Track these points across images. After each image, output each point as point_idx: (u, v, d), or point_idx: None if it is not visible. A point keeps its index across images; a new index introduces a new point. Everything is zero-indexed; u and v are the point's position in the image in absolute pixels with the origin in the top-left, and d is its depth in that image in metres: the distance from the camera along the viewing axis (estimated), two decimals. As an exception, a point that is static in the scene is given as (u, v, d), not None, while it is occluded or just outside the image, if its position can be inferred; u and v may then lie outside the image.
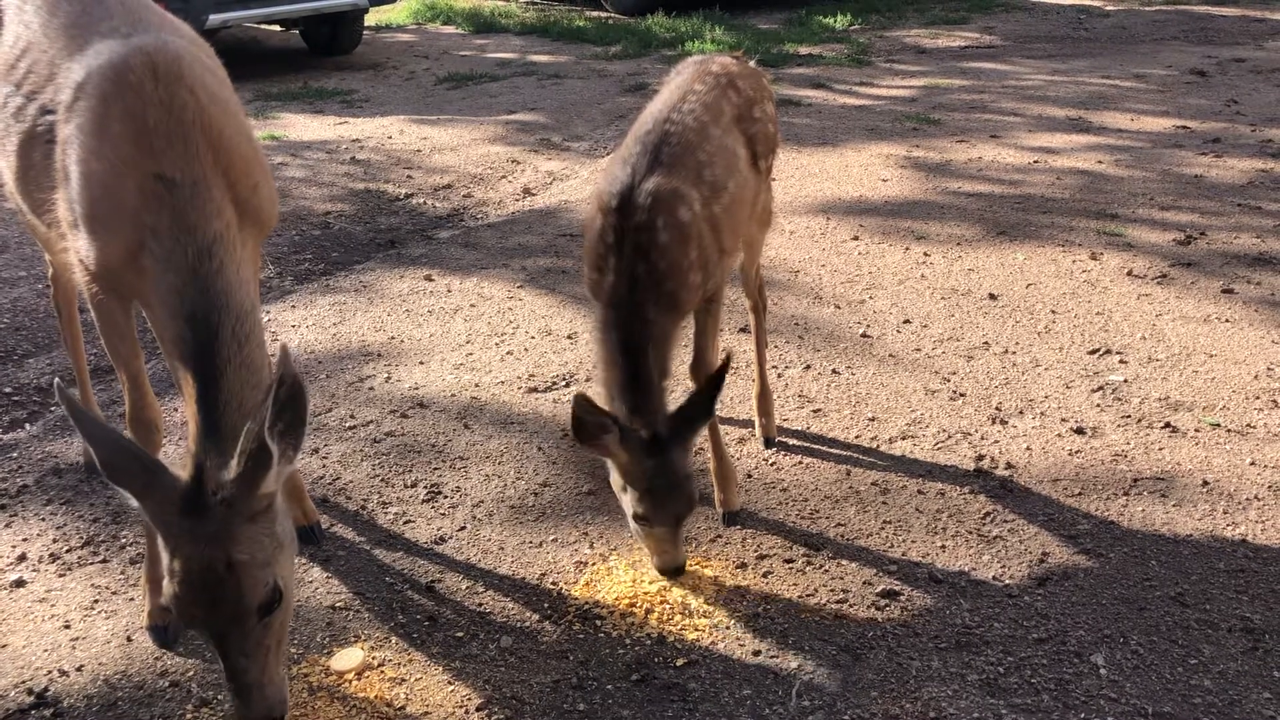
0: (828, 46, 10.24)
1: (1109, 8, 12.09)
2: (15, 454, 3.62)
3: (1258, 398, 3.72)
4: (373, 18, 11.14)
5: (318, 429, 3.68)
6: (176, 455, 3.21)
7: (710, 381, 2.60)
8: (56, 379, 2.44)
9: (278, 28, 11.08)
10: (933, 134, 7.43)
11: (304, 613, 2.76)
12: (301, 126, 7.92)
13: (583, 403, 2.48)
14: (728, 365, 2.60)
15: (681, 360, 2.95)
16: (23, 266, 5.18)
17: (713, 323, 2.96)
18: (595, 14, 11.98)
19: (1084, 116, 7.86)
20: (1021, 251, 5.18)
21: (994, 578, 2.84)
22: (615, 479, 2.66)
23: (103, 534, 3.13)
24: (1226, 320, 4.35)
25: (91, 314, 2.58)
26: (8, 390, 4.07)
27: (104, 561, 3.01)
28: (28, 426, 3.83)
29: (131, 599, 2.84)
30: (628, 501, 2.62)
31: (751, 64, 3.41)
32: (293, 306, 4.77)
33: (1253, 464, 3.32)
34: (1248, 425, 3.54)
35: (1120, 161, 6.69)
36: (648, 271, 2.60)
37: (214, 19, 8.72)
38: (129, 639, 2.70)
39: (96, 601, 2.85)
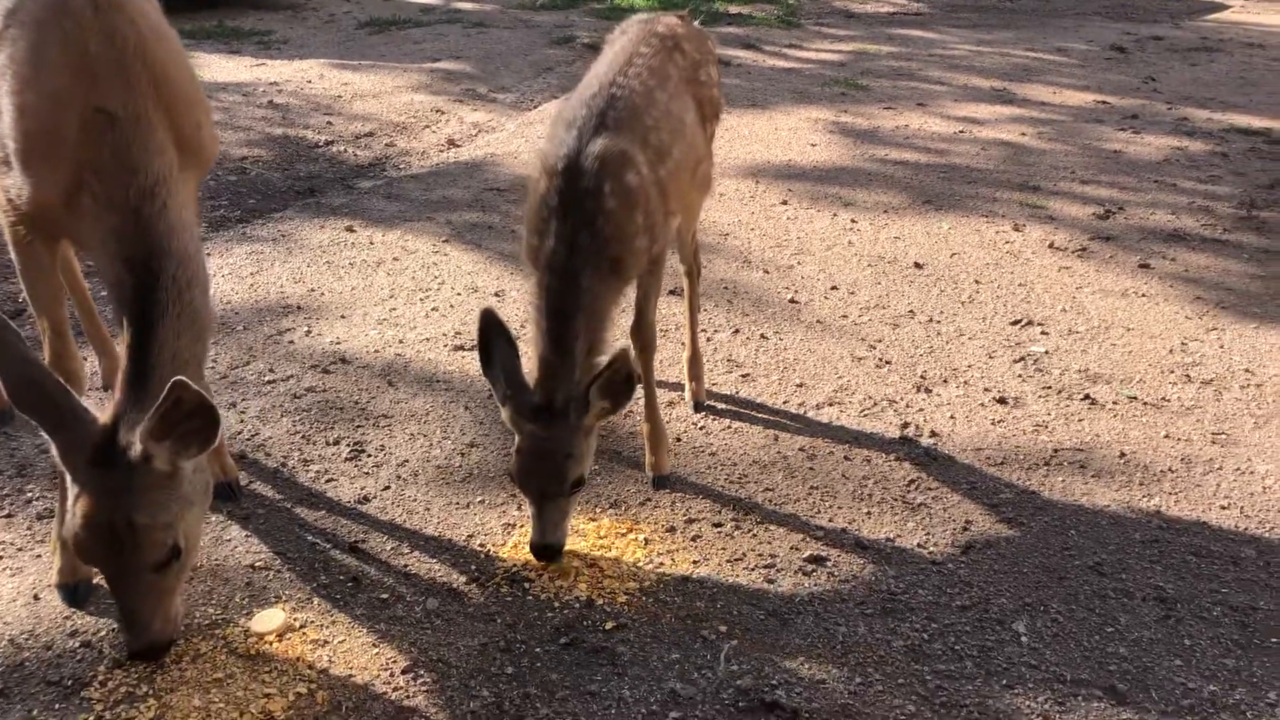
0: (757, 6, 10.21)
1: (1033, -20, 12.25)
2: (-90, 402, 3.43)
3: (1172, 372, 3.82)
4: (292, -44, 10.77)
5: (234, 384, 3.57)
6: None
7: (615, 367, 2.47)
8: None
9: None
10: (861, 100, 7.46)
11: (222, 573, 2.68)
12: (216, 67, 7.63)
13: (488, 318, 2.49)
14: (627, 360, 2.48)
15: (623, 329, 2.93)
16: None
17: (655, 286, 2.93)
18: (523, -37, 11.75)
19: (1008, 88, 7.97)
20: (947, 221, 5.24)
21: (918, 545, 2.87)
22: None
23: (7, 488, 3.00)
24: (1143, 295, 4.46)
25: (13, 257, 2.44)
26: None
27: (8, 516, 2.88)
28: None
29: (39, 555, 2.72)
30: None
31: (696, 25, 3.35)
32: (208, 255, 4.60)
33: (1167, 437, 3.41)
34: (1162, 399, 3.64)
35: (1043, 135, 6.81)
36: (591, 237, 2.55)
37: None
38: (36, 597, 2.59)
39: (0, 559, 2.73)
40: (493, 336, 2.52)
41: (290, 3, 9.80)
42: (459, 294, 4.29)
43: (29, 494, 2.97)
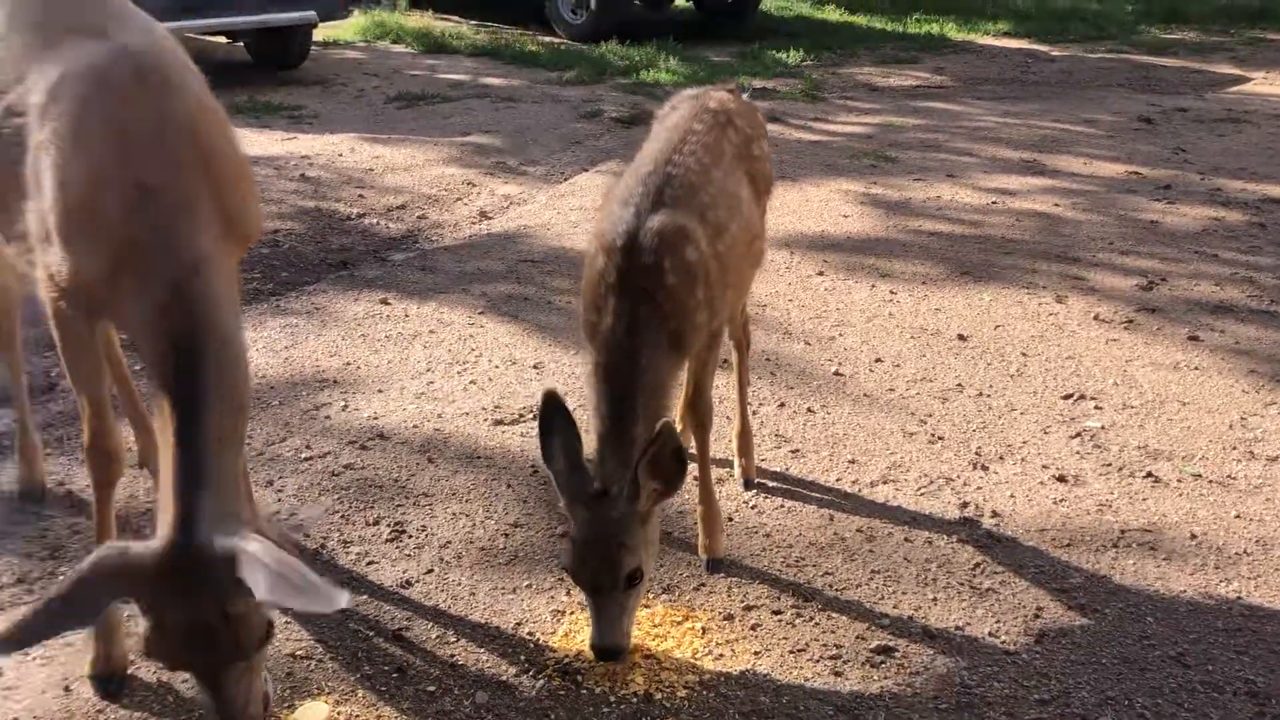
0: (781, 81, 10.24)
1: (1054, 53, 12.30)
2: (-59, 482, 3.36)
3: (1234, 448, 3.69)
4: (321, 33, 10.89)
5: (271, 460, 3.48)
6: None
7: (661, 442, 2.32)
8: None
9: (223, 39, 10.79)
10: (890, 171, 7.43)
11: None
12: (248, 141, 7.65)
13: (551, 400, 2.38)
14: (673, 432, 2.34)
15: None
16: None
17: (713, 361, 2.85)
18: (548, 39, 11.89)
19: (1038, 159, 7.93)
20: (987, 292, 5.15)
21: (989, 634, 2.74)
22: None
23: (37, 570, 2.90)
24: (1195, 368, 4.34)
25: (54, 333, 2.37)
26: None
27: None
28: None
29: (69, 644, 2.61)
30: None
31: (746, 99, 3.31)
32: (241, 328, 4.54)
33: (1238, 517, 3.28)
34: (1228, 476, 3.51)
35: (1077, 205, 6.74)
36: (650, 314, 2.47)
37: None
38: (67, 689, 2.48)
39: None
40: (555, 419, 2.40)
41: (320, 78, 9.89)
42: (497, 366, 4.21)
43: (60, 577, 2.86)
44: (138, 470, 3.26)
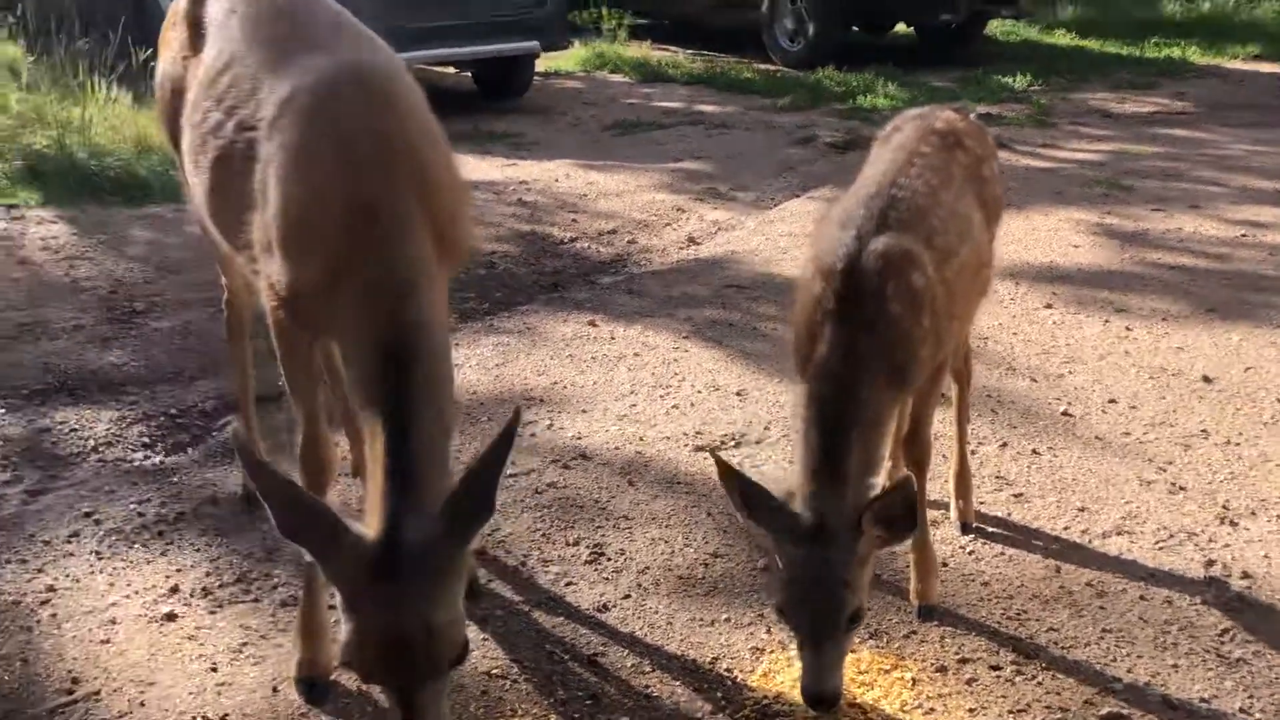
0: (1007, 106, 9.82)
1: (1313, 77, 11.34)
2: (175, 479, 3.55)
3: None
4: (542, 64, 11.21)
5: (477, 475, 3.51)
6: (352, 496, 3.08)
7: (897, 494, 2.18)
8: (235, 424, 2.31)
9: (450, 69, 11.27)
10: (1125, 200, 6.96)
11: (458, 678, 2.55)
12: (470, 167, 7.93)
13: (722, 468, 2.24)
14: (911, 487, 2.19)
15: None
16: (196, 289, 5.22)
17: (934, 397, 2.69)
18: (763, 66, 11.83)
19: (1294, 190, 7.27)
20: (1236, 332, 4.71)
21: (1241, 710, 2.44)
22: None
23: (256, 571, 3.01)
24: None
25: (274, 342, 2.45)
26: (173, 412, 4.04)
27: (255, 601, 2.88)
28: (189, 451, 3.77)
29: (280, 645, 2.69)
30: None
31: (974, 119, 3.13)
32: (456, 345, 4.65)
33: None
34: None
35: (1340, 239, 6.12)
36: (871, 344, 2.31)
37: (390, 58, 8.86)
38: (275, 689, 2.54)
39: (245, 644, 2.71)
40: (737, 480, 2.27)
41: (541, 107, 10.17)
42: (700, 391, 4.14)
43: (276, 579, 2.97)
44: (352, 479, 3.35)
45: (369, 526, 1.96)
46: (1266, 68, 11.75)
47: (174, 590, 2.92)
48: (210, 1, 2.70)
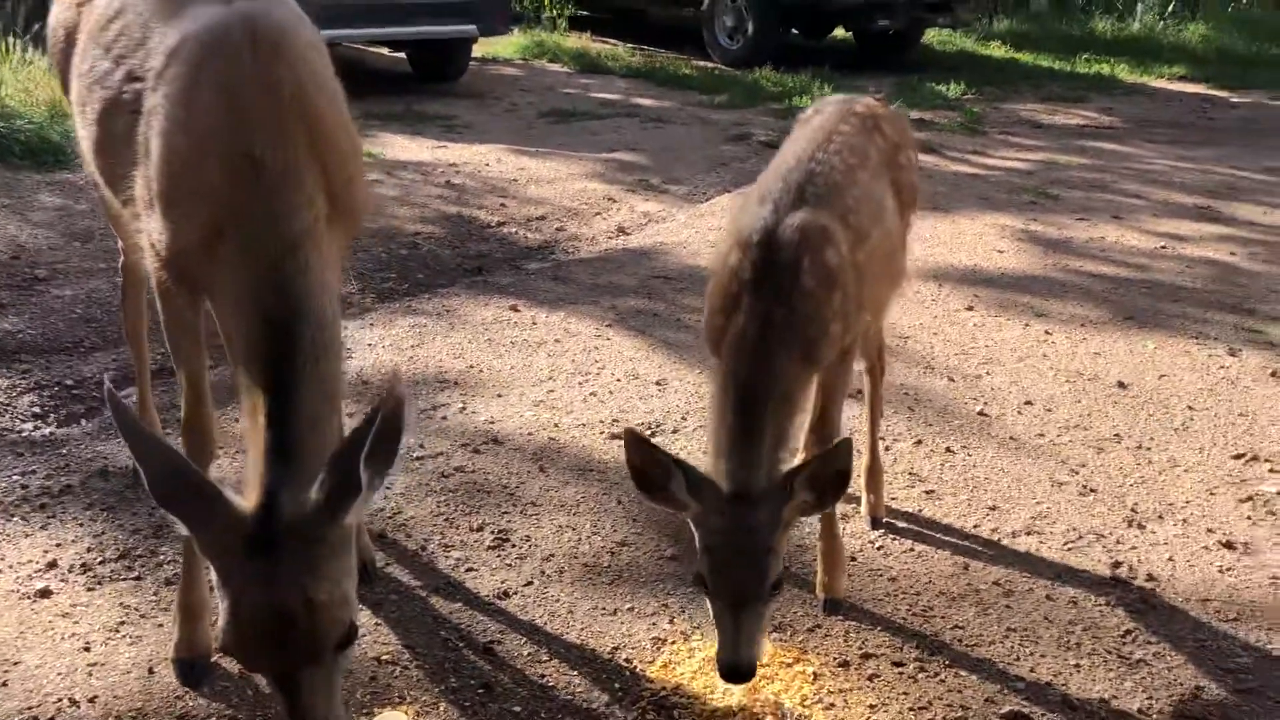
0: (940, 113, 9.90)
1: (1234, 99, 11.61)
2: (65, 450, 3.39)
3: None
4: (480, 50, 11.06)
5: (383, 457, 3.40)
6: (232, 470, 2.94)
7: (831, 457, 2.15)
8: (107, 378, 2.13)
9: (385, 50, 11.07)
10: (1051, 209, 7.04)
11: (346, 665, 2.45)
12: (399, 147, 7.77)
13: (633, 440, 2.17)
14: (849, 453, 2.16)
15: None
16: (103, 258, 5.02)
17: (843, 384, 2.64)
18: (702, 63, 11.81)
19: (1213, 206, 7.41)
20: (1152, 340, 4.77)
21: (1140, 710, 2.43)
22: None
23: (140, 547, 2.87)
24: (1391, 436, 3.89)
25: (158, 305, 2.32)
26: (69, 383, 3.87)
27: (137, 579, 2.74)
28: (82, 423, 3.61)
29: (160, 624, 2.56)
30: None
31: (895, 108, 3.11)
32: (371, 325, 4.54)
33: None
34: None
35: (1255, 255, 6.24)
36: (786, 316, 2.27)
37: (324, 34, 8.63)
38: (151, 670, 2.42)
39: (122, 624, 2.57)
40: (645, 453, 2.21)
41: (476, 92, 10.01)
42: (619, 380, 4.07)
43: (161, 556, 2.83)
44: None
45: (248, 500, 1.84)
46: (1191, 88, 12.01)
47: (51, 565, 2.78)
48: (105, -53, 2.55)
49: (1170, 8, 15.29)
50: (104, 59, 2.31)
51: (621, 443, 3.52)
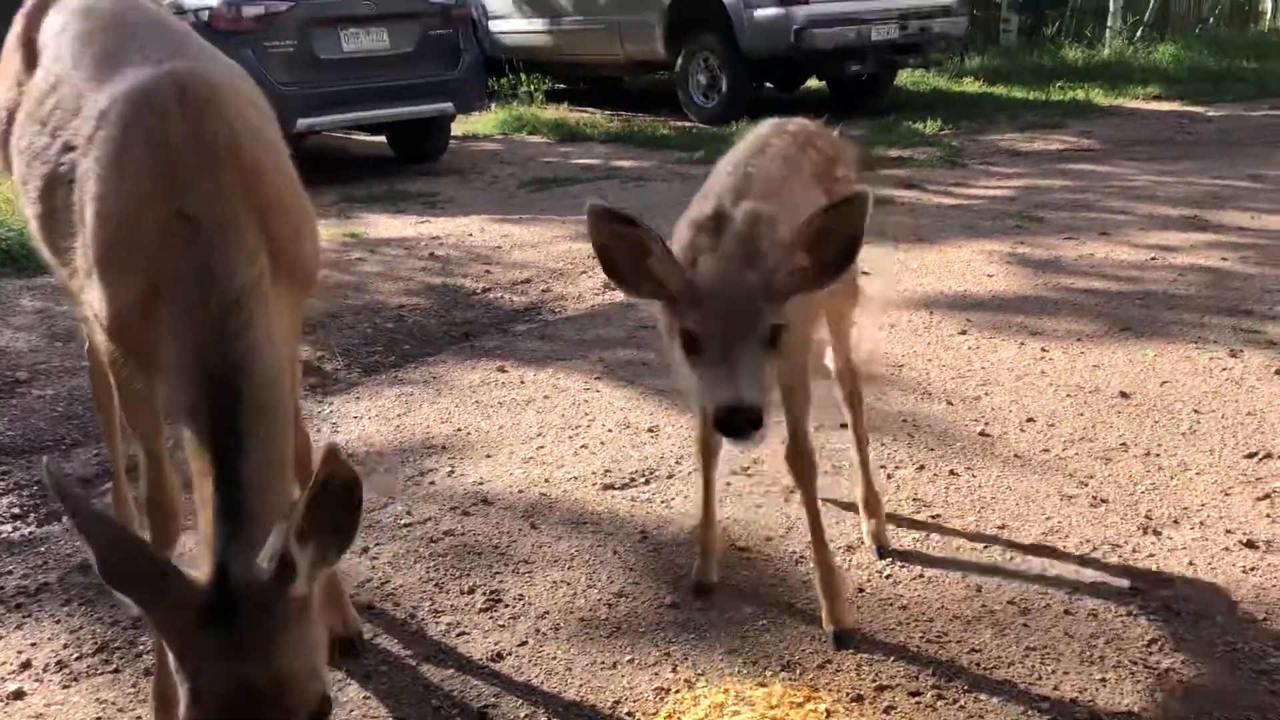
0: (918, 149, 9.93)
1: (1210, 113, 11.64)
2: (43, 548, 3.30)
3: None
4: (460, 128, 11.15)
5: (370, 526, 3.30)
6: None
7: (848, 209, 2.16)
8: (45, 459, 2.01)
9: (364, 135, 11.14)
10: (1037, 231, 6.99)
11: (334, 740, 2.33)
12: (383, 225, 7.77)
13: (598, 214, 2.20)
14: (864, 202, 2.16)
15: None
16: (85, 356, 4.97)
17: (803, 399, 2.58)
18: (679, 123, 11.88)
19: (1200, 215, 7.37)
20: (1151, 348, 4.67)
21: (1172, 721, 2.30)
22: (662, 320, 2.29)
23: (119, 639, 2.76)
24: (1406, 422, 3.78)
25: (110, 379, 2.24)
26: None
27: (115, 672, 2.63)
28: (63, 520, 3.51)
29: (138, 717, 2.44)
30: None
31: (834, 133, 3.08)
32: (357, 398, 4.46)
33: None
34: None
35: (1247, 259, 6.17)
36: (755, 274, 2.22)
37: (301, 123, 8.68)
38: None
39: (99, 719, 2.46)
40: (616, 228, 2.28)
41: (457, 169, 10.06)
42: (610, 430, 3.98)
43: (140, 647, 2.72)
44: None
45: (201, 570, 1.73)
46: (1166, 106, 12.06)
47: (26, 665, 2.67)
48: (45, 23, 2.52)
49: (1139, 32, 15.45)
50: (41, 134, 2.26)
51: (615, 493, 3.44)
